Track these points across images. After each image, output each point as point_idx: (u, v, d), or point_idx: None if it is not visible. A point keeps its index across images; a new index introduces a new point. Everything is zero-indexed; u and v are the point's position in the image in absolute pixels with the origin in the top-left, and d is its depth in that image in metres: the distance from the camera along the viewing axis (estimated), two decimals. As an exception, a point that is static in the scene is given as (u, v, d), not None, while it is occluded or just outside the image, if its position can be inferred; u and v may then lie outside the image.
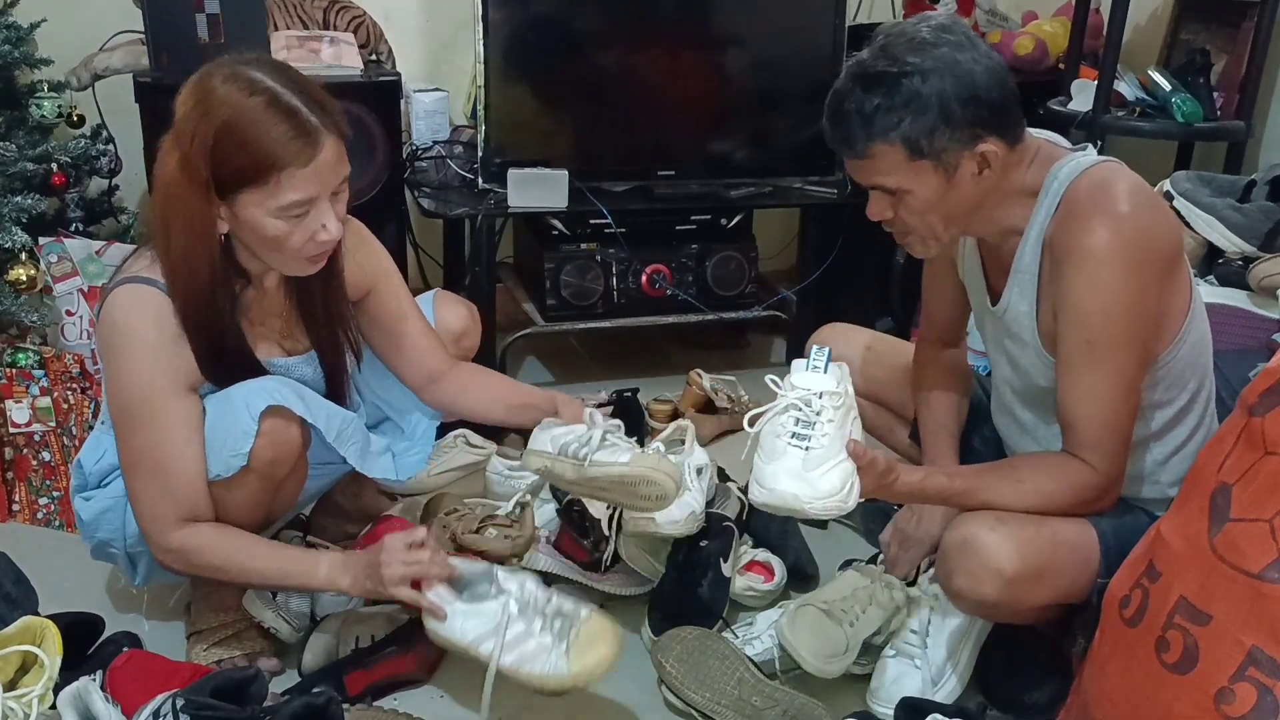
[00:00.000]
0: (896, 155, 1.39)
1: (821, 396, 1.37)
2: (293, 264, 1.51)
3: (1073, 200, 1.42)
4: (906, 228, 1.48)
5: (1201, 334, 1.52)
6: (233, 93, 1.38)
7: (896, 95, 1.36)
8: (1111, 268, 1.37)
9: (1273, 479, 1.15)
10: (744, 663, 1.59)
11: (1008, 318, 1.54)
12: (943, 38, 1.37)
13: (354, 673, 1.54)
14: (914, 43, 1.37)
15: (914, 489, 1.47)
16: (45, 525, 2.02)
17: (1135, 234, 1.37)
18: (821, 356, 1.40)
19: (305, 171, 1.40)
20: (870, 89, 1.38)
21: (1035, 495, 1.45)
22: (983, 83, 1.37)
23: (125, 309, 1.48)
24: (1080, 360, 1.42)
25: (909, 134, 1.37)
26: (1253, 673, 1.09)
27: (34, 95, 2.24)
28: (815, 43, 2.65)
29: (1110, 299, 1.38)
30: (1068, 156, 1.46)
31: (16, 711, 1.37)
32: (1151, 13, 2.86)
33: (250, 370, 1.56)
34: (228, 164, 1.38)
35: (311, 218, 1.44)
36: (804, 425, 1.36)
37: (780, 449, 1.36)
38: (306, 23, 2.57)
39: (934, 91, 1.35)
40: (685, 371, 2.53)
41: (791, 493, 1.33)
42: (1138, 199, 1.39)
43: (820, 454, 1.35)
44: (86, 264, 2.11)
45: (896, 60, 1.37)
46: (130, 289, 1.49)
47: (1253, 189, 2.15)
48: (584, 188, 2.52)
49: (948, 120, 1.36)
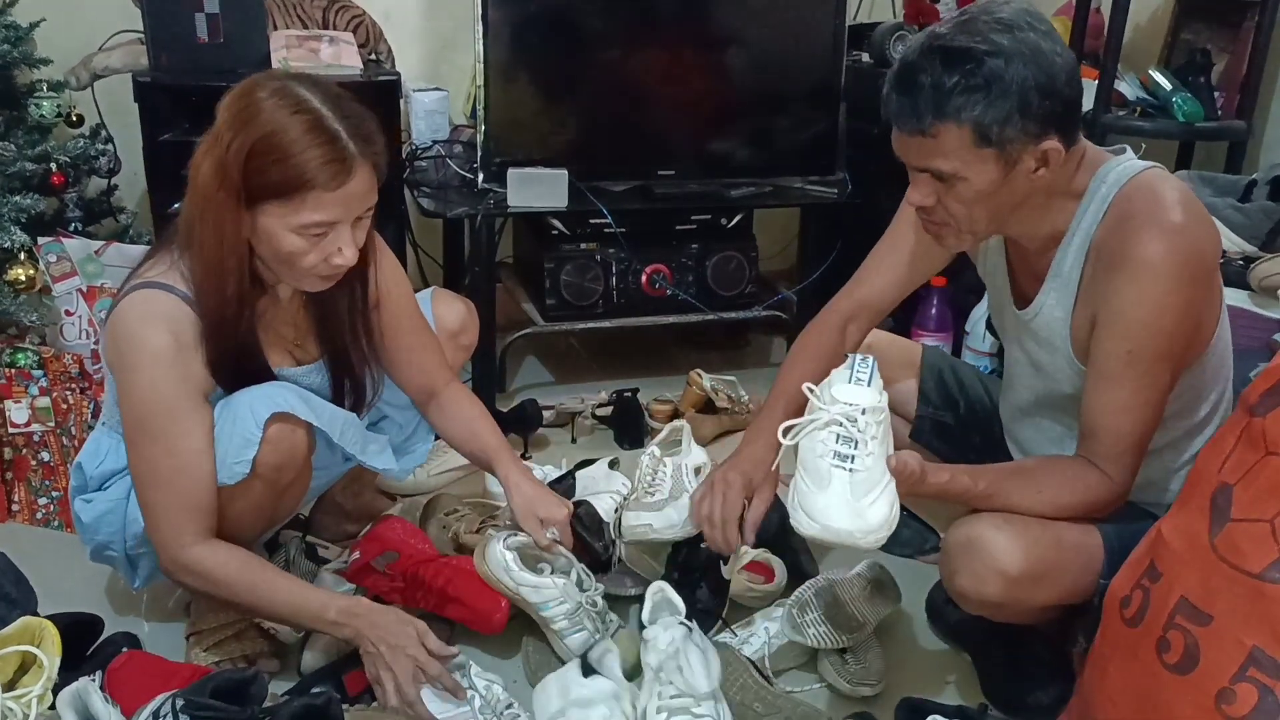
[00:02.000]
0: (963, 138, 1.31)
1: (866, 413, 1.32)
2: (303, 280, 1.50)
3: (1123, 207, 1.38)
4: (946, 217, 1.41)
5: (1226, 343, 1.51)
6: (278, 107, 1.38)
7: (977, 75, 1.28)
8: (1165, 281, 1.33)
9: (1273, 479, 1.14)
10: (746, 669, 1.58)
11: (1037, 322, 1.51)
12: (1029, 21, 1.30)
13: (354, 672, 1.54)
14: (1001, 23, 1.29)
15: (939, 490, 1.43)
16: (45, 525, 2.02)
17: (1189, 247, 1.33)
18: (866, 367, 1.34)
19: (332, 196, 1.39)
20: (951, 64, 1.29)
21: (1051, 505, 1.44)
22: (1063, 77, 1.31)
23: (140, 317, 1.46)
24: (1118, 370, 1.38)
25: (982, 118, 1.29)
26: (1254, 673, 1.09)
27: (33, 95, 2.24)
28: (815, 43, 2.65)
29: (1159, 313, 1.34)
30: (1112, 160, 1.42)
31: (16, 712, 1.37)
32: (1152, 12, 2.86)
33: (261, 376, 1.55)
34: (260, 175, 1.38)
35: (329, 240, 1.43)
36: (846, 444, 1.31)
37: (824, 472, 1.31)
38: (306, 22, 2.57)
39: (1016, 77, 1.28)
40: (685, 371, 2.53)
41: (846, 530, 1.28)
42: (1189, 209, 1.35)
43: (865, 477, 1.30)
44: (85, 264, 2.11)
45: (983, 38, 1.29)
46: (145, 294, 1.47)
47: (1253, 189, 2.15)
48: (584, 187, 2.52)
49: (1024, 110, 1.29)
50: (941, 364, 1.88)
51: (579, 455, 2.31)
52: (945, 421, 1.85)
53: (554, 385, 2.70)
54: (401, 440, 1.82)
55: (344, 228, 1.43)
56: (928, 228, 1.47)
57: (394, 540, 1.71)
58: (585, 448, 2.41)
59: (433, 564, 1.68)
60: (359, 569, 1.70)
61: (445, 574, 1.66)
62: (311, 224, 1.40)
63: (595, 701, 1.43)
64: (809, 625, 1.60)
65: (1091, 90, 2.50)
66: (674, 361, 2.86)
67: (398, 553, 1.69)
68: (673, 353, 2.96)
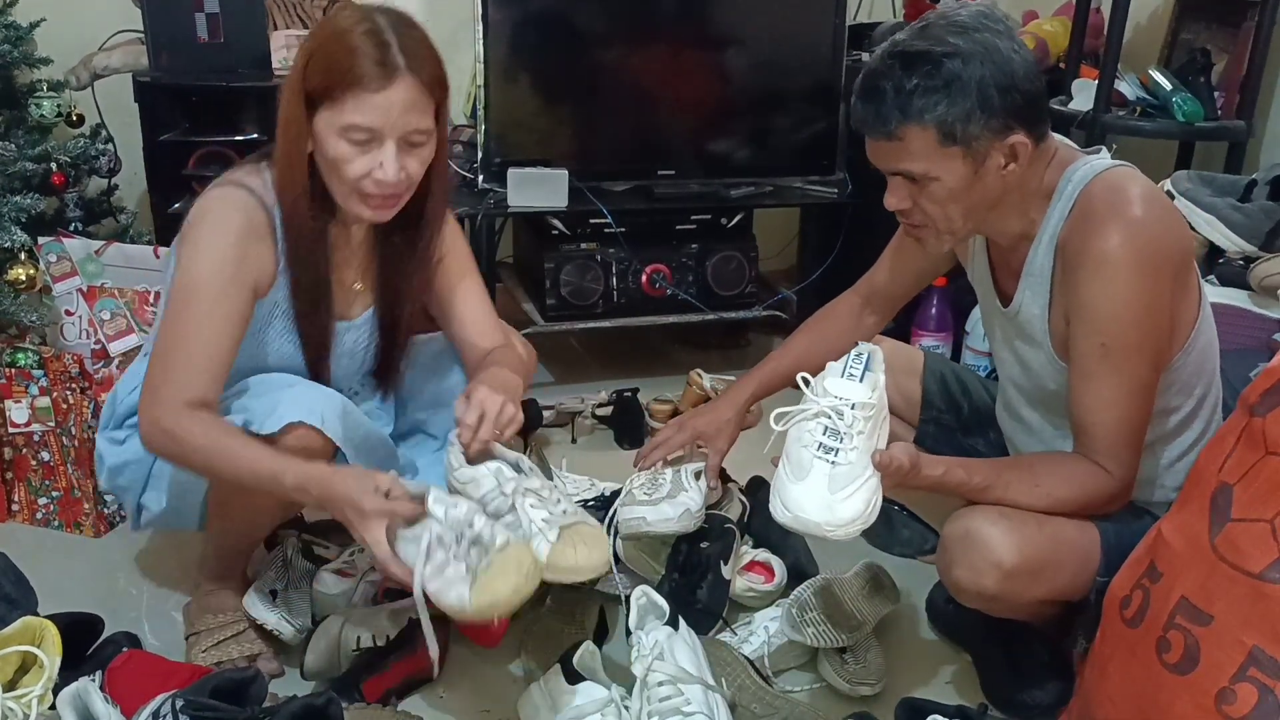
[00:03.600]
0: (928, 139, 1.36)
1: (854, 408, 1.34)
2: (352, 200, 1.50)
3: (1086, 204, 1.41)
4: (924, 218, 1.45)
5: (1210, 339, 1.52)
6: (344, 18, 1.47)
7: (936, 76, 1.33)
8: (1125, 272, 1.36)
9: (1273, 479, 1.15)
10: (745, 669, 1.58)
11: (1020, 319, 1.53)
12: (984, 23, 1.36)
13: (370, 679, 1.54)
14: (956, 25, 1.35)
15: (934, 483, 1.45)
16: (45, 525, 2.02)
17: (1149, 239, 1.36)
18: (859, 363, 1.37)
19: (373, 99, 1.42)
20: (909, 68, 1.34)
21: (1049, 499, 1.45)
22: (1020, 73, 1.35)
23: (220, 199, 1.53)
24: (1095, 366, 1.41)
25: (944, 118, 1.34)
26: (1254, 673, 1.09)
27: (33, 95, 2.24)
28: (815, 43, 2.65)
29: (1124, 304, 1.37)
30: (1081, 159, 1.45)
31: (16, 712, 1.37)
32: (1152, 12, 2.86)
33: (321, 294, 1.59)
34: (316, 76, 1.44)
35: (374, 154, 1.45)
36: (832, 436, 1.34)
37: (806, 463, 1.34)
38: (306, 22, 2.58)
39: (974, 76, 1.33)
40: (685, 371, 2.52)
41: (815, 521, 1.32)
42: (1151, 204, 1.38)
43: (846, 471, 1.33)
44: (86, 264, 2.11)
45: (939, 40, 1.34)
46: (226, 189, 1.54)
47: (1253, 189, 2.15)
48: (584, 187, 2.52)
49: (985, 107, 1.34)
50: (944, 369, 1.89)
51: (579, 455, 2.31)
52: (949, 426, 1.86)
53: (554, 385, 2.70)
54: (425, 460, 1.80)
55: (389, 144, 1.45)
56: (908, 231, 1.51)
57: None
58: (585, 448, 2.41)
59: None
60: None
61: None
62: (353, 126, 1.43)
63: (587, 711, 1.43)
64: (809, 624, 1.61)
65: (1091, 90, 2.50)
66: (674, 361, 2.86)
67: None
68: (673, 353, 2.97)
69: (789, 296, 2.78)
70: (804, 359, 1.69)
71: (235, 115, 2.40)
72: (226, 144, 2.34)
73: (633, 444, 2.39)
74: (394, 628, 1.62)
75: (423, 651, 1.58)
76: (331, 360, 1.67)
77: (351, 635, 1.61)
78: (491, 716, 1.58)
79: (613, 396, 2.47)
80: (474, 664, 1.67)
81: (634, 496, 1.77)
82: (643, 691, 1.43)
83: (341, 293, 1.64)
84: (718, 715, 1.42)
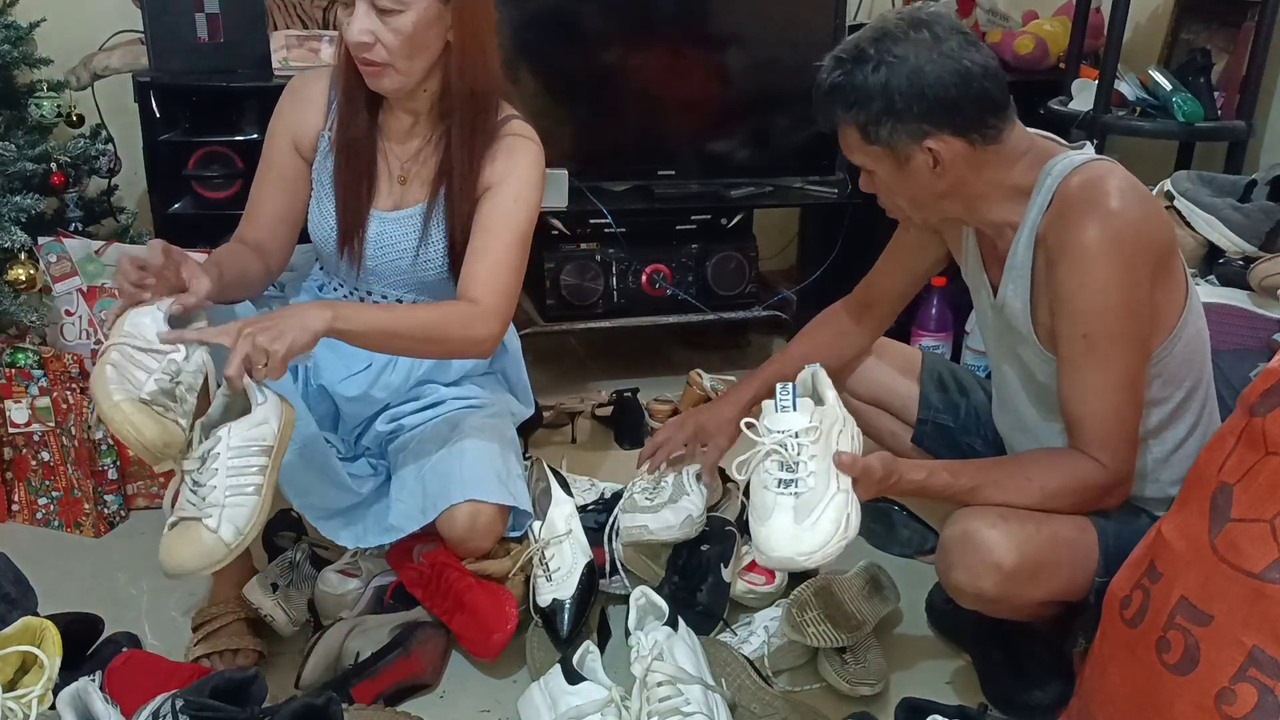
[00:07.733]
0: (853, 136, 1.44)
1: (798, 435, 1.37)
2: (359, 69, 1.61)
3: (1064, 197, 1.42)
4: (887, 203, 1.54)
5: (1198, 330, 1.53)
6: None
7: (851, 81, 1.41)
8: (1103, 263, 1.37)
9: (1274, 479, 1.15)
10: (745, 669, 1.58)
11: (1006, 313, 1.55)
12: (909, 34, 1.39)
13: (361, 684, 1.53)
14: (878, 34, 1.41)
15: (917, 487, 1.47)
16: (45, 525, 2.02)
17: (1126, 229, 1.37)
18: (787, 394, 1.40)
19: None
20: (833, 70, 1.43)
21: (1042, 493, 1.45)
22: (932, 81, 1.38)
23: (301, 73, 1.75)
24: (1080, 357, 1.42)
25: (858, 119, 1.42)
26: (1254, 673, 1.09)
27: (33, 95, 2.24)
28: (815, 42, 2.64)
29: (1103, 294, 1.38)
30: (1061, 154, 1.47)
31: (16, 712, 1.37)
32: (1152, 12, 2.86)
33: (360, 158, 1.69)
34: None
35: (351, 17, 1.55)
36: (787, 469, 1.37)
37: (769, 504, 1.36)
38: (306, 22, 2.57)
39: (879, 83, 1.39)
40: (685, 371, 2.53)
41: (785, 556, 1.35)
42: (1128, 195, 1.39)
43: (810, 496, 1.35)
44: (85, 264, 2.11)
45: (858, 47, 1.41)
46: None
47: (1253, 189, 2.15)
48: (584, 187, 2.52)
49: (891, 112, 1.39)
50: (942, 368, 1.90)
51: (579, 455, 2.31)
52: (947, 425, 1.85)
53: (554, 385, 2.70)
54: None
55: (359, 6, 1.53)
56: (888, 213, 1.59)
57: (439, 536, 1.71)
58: (585, 448, 2.41)
59: (458, 570, 1.67)
60: (401, 550, 1.72)
61: (466, 582, 1.65)
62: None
63: (587, 711, 1.43)
64: (809, 624, 1.61)
65: (1091, 90, 2.50)
66: (674, 361, 2.86)
67: (437, 545, 1.70)
68: (673, 353, 2.96)
69: (789, 296, 2.78)
70: (806, 362, 1.69)
71: (235, 115, 2.40)
72: (226, 144, 2.34)
73: (633, 444, 2.39)
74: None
75: (415, 656, 1.59)
76: (367, 249, 1.73)
77: (351, 649, 1.60)
78: (491, 716, 1.58)
79: (613, 396, 2.48)
80: (474, 665, 1.67)
81: (635, 502, 1.78)
82: (642, 692, 1.43)
83: (385, 180, 1.72)
84: (717, 715, 1.43)
